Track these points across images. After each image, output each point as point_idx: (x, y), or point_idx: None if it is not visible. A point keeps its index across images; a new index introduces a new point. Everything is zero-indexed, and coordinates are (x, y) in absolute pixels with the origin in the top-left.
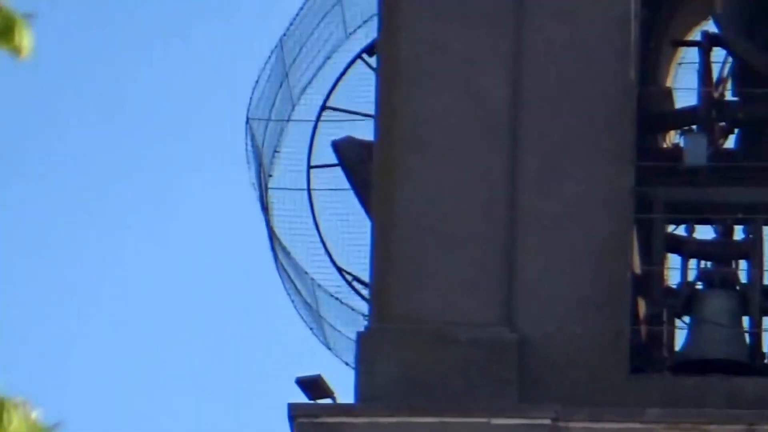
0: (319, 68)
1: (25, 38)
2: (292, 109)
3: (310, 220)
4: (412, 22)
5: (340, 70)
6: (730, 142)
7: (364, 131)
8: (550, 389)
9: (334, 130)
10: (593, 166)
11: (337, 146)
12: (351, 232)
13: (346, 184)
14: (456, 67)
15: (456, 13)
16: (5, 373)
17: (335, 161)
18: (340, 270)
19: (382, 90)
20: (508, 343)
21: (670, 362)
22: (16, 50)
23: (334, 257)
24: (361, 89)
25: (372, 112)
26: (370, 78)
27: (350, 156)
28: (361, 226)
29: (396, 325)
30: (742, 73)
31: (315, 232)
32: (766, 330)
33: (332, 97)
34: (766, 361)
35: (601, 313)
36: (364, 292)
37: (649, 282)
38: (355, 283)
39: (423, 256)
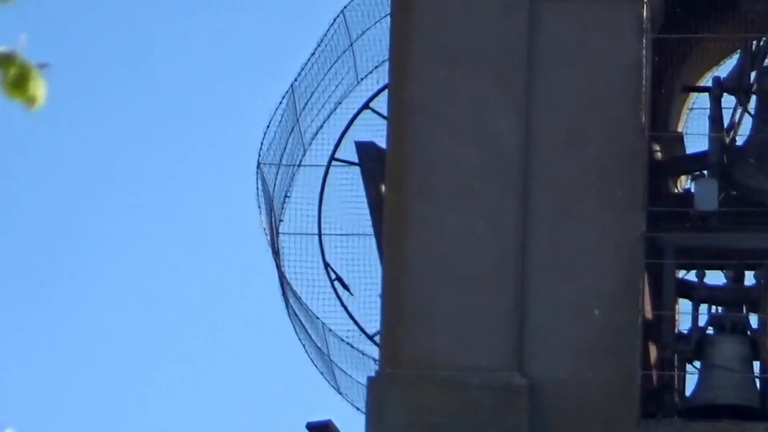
0: (330, 113)
1: (39, 89)
2: (303, 154)
3: (321, 265)
4: (423, 66)
5: (352, 114)
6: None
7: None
8: None
9: (345, 174)
10: (605, 212)
11: (359, 147)
12: (361, 276)
13: (357, 229)
14: (467, 112)
15: (467, 58)
16: None
17: (345, 206)
18: (351, 316)
19: (393, 135)
20: (519, 388)
21: (680, 407)
22: (29, 101)
23: (345, 302)
24: (371, 137)
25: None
26: (381, 126)
27: (368, 160)
28: (372, 271)
29: (407, 370)
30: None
31: (325, 276)
32: None
33: (342, 146)
34: None
35: (612, 358)
36: (375, 337)
37: (660, 327)
38: (365, 327)
39: (434, 302)
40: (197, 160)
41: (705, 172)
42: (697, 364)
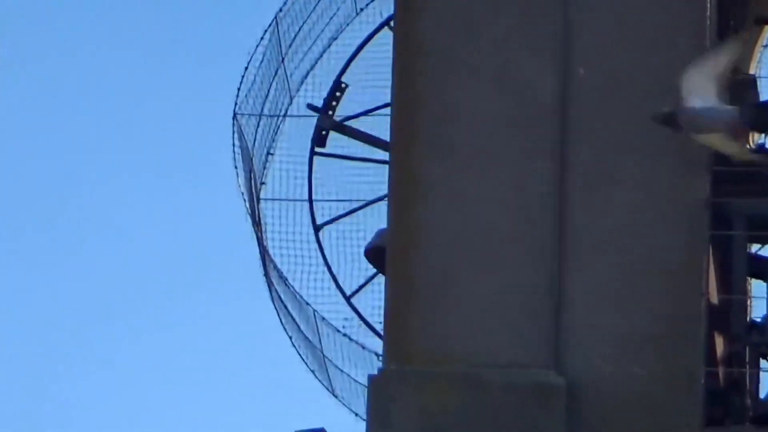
0: (323, 52)
1: None
2: (290, 103)
3: (312, 239)
4: None
5: (349, 53)
6: None
7: (383, 128)
8: None
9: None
10: (659, 173)
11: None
12: (363, 252)
13: (357, 194)
14: (490, 53)
15: None
16: None
17: (342, 167)
18: (349, 300)
19: (399, 81)
20: (555, 388)
21: (753, 412)
22: None
23: (342, 284)
24: (378, 75)
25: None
26: (385, 70)
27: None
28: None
29: (417, 366)
30: None
31: (318, 253)
32: None
33: (341, 84)
34: None
35: (669, 352)
36: (379, 326)
37: (728, 314)
38: (366, 315)
39: (449, 282)
40: (159, 108)
41: None
42: None
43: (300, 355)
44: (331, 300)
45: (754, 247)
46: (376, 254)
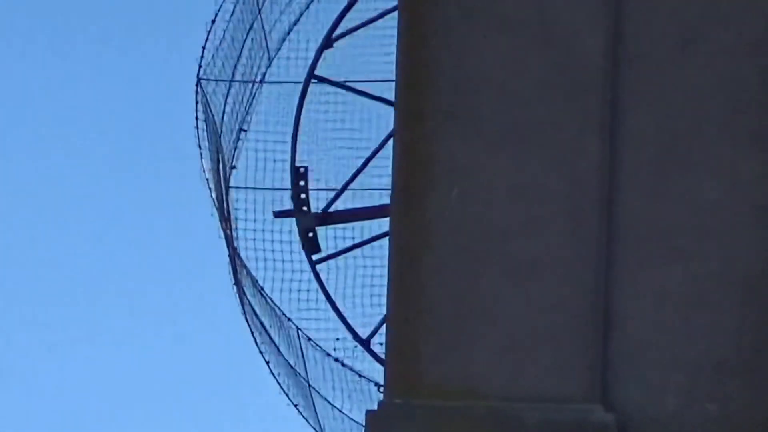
0: (309, 3)
1: None
2: (269, 65)
3: (295, 237)
4: None
5: (343, 4)
6: None
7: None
8: None
9: (332, 96)
10: (733, 159)
11: None
12: (360, 255)
13: (353, 181)
14: (525, 3)
15: None
16: None
17: (335, 146)
18: (342, 316)
19: (406, 38)
20: (603, 427)
21: None
22: None
23: (333, 296)
24: (374, 38)
25: (391, 73)
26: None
27: None
28: (377, 246)
29: (427, 400)
30: None
31: (302, 255)
32: None
33: (327, 51)
34: None
35: (747, 383)
36: (381, 349)
37: None
38: (364, 335)
39: (471, 296)
40: (109, 73)
41: None
42: None
43: (280, 384)
44: (319, 315)
45: None
46: None
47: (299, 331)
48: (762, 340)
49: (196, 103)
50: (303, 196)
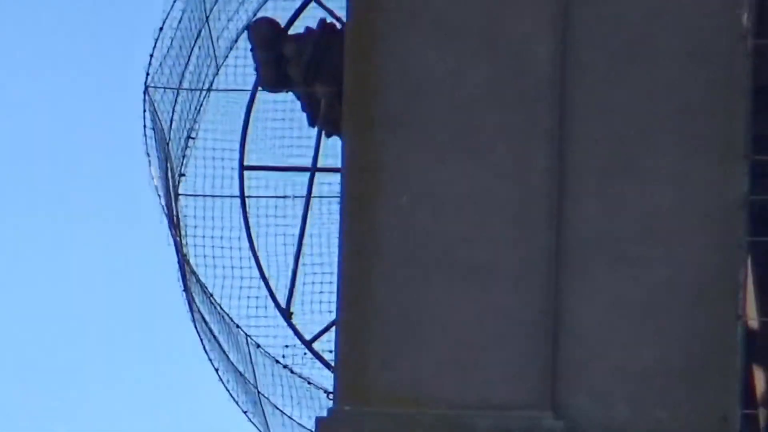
0: (257, 10)
1: None
2: (216, 73)
3: (245, 244)
4: None
5: (292, 11)
6: None
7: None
8: None
9: (283, 104)
10: (684, 163)
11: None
12: (309, 263)
13: (303, 189)
14: (474, 11)
15: None
16: None
17: (284, 153)
18: (290, 321)
19: (352, 44)
20: None
21: None
22: None
23: (282, 303)
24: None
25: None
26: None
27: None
28: (326, 254)
29: (377, 407)
30: None
31: (253, 263)
32: None
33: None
34: None
35: (698, 390)
36: (330, 356)
37: None
38: (316, 344)
39: (421, 302)
40: (56, 82)
41: None
42: None
43: (228, 391)
44: (269, 322)
45: None
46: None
47: (248, 338)
48: (712, 347)
49: (144, 111)
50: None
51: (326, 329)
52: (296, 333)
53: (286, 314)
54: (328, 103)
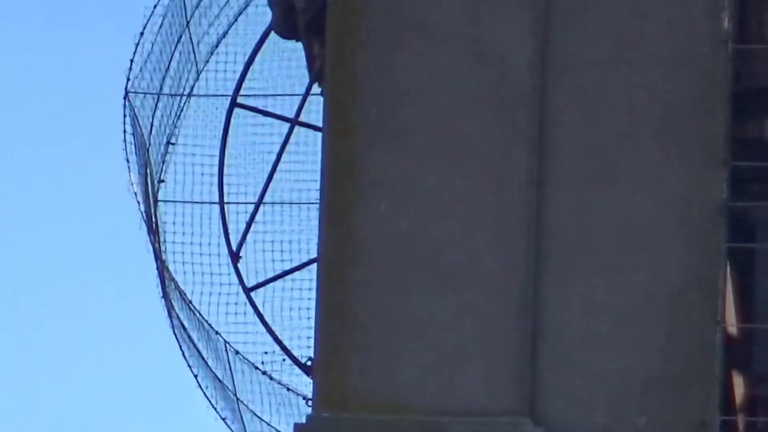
0: (240, 13)
1: None
2: (197, 79)
3: (224, 251)
4: None
5: (269, 18)
6: None
7: (309, 113)
8: None
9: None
10: (662, 168)
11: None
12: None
13: (284, 195)
14: (455, 17)
15: None
16: None
17: (263, 158)
18: (269, 328)
19: (334, 50)
20: None
21: None
22: None
23: (262, 310)
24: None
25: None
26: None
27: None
28: (304, 256)
29: (356, 413)
30: None
31: (233, 270)
32: None
33: (257, 63)
34: None
35: (677, 396)
36: (309, 363)
37: (751, 348)
38: (293, 348)
39: (400, 308)
40: (37, 86)
41: None
42: None
43: (207, 398)
44: (248, 329)
45: None
46: None
47: (227, 345)
48: (690, 352)
49: (124, 116)
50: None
51: (270, 280)
52: (239, 279)
53: (235, 258)
54: (320, 65)
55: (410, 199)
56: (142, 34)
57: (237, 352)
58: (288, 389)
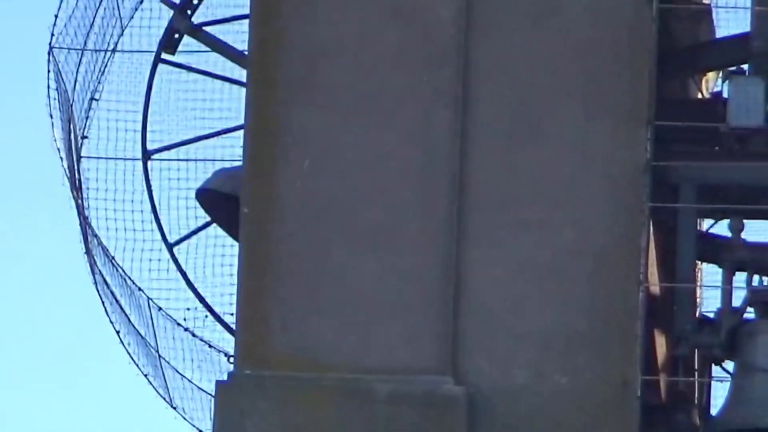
0: None
1: None
2: (121, 34)
3: (148, 207)
4: None
5: None
6: None
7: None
8: None
9: (188, 62)
10: (586, 127)
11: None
12: (213, 228)
13: (207, 152)
14: None
15: None
16: None
17: (189, 114)
18: (191, 285)
19: (258, 8)
20: (453, 399)
21: (703, 431)
22: None
23: (185, 266)
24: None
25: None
26: None
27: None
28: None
29: (278, 371)
30: None
31: (155, 226)
32: None
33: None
34: None
35: (598, 356)
36: (231, 319)
37: (673, 308)
38: (215, 305)
39: (321, 266)
40: None
41: (745, 66)
42: (730, 365)
43: (129, 354)
44: (170, 285)
45: (706, 223)
46: (210, 199)
47: (150, 301)
48: (613, 312)
49: (48, 72)
50: (195, 1)
51: (192, 233)
52: (162, 234)
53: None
54: None
55: (333, 156)
56: None
57: (160, 309)
58: (210, 346)
